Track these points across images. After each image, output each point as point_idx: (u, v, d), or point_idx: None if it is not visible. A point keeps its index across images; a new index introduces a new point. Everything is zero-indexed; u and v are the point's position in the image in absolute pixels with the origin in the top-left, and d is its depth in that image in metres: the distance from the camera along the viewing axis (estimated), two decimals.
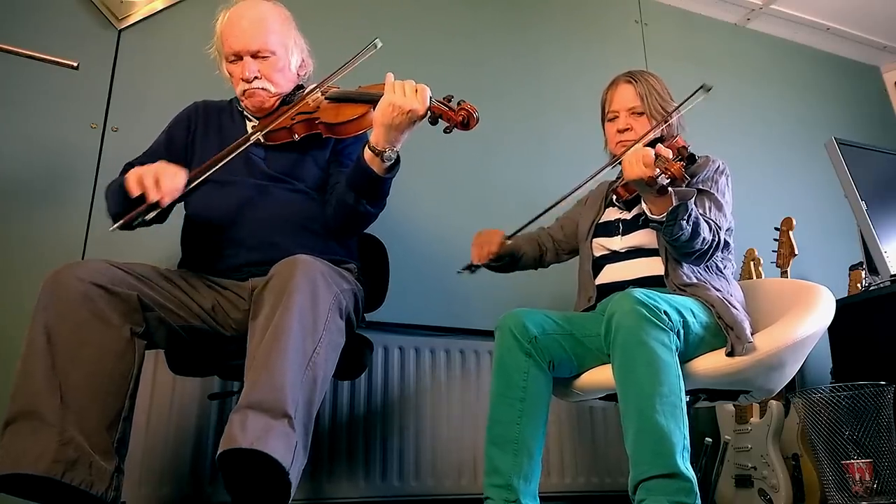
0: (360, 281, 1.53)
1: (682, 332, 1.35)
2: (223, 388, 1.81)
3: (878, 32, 3.37)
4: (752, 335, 1.42)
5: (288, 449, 1.08)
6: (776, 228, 2.34)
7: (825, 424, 1.87)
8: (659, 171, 1.34)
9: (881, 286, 2.13)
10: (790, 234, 2.29)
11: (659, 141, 1.60)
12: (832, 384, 2.00)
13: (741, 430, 2.11)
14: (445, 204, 2.32)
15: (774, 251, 2.31)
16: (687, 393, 1.50)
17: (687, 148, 1.46)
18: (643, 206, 1.48)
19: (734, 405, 2.15)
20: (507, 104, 2.54)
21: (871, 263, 2.20)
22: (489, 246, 1.73)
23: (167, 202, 1.29)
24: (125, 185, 1.30)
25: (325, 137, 1.54)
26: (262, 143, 1.55)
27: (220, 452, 1.06)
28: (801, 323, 1.47)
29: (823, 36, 3.36)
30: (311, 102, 1.50)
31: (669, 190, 1.40)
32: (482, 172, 2.42)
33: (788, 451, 2.04)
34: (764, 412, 2.06)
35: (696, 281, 1.53)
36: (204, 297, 1.41)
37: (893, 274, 2.09)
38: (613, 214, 1.75)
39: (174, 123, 1.64)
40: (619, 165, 1.65)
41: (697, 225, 1.44)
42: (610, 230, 1.72)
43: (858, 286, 2.38)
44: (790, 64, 3.30)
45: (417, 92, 1.35)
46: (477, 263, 1.73)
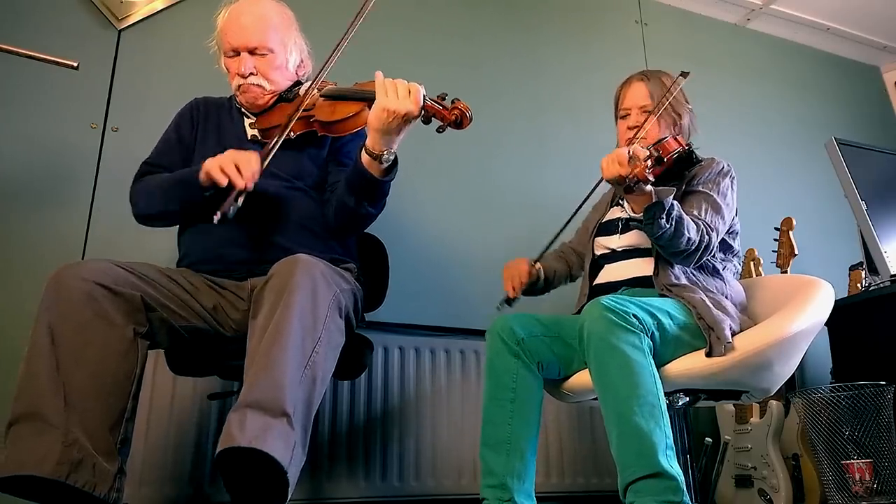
0: (359, 281, 1.53)
1: (656, 333, 1.36)
2: (223, 388, 1.81)
3: (878, 32, 3.37)
4: (732, 335, 1.41)
5: (286, 448, 1.08)
6: (776, 228, 2.34)
7: (825, 424, 1.87)
8: (630, 170, 1.34)
9: (881, 286, 2.13)
10: (790, 234, 2.30)
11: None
12: (832, 384, 2.00)
13: (741, 430, 2.11)
14: (445, 204, 2.32)
15: (774, 251, 2.32)
16: (686, 393, 1.50)
17: (670, 149, 1.43)
18: (624, 203, 1.49)
19: (734, 405, 2.15)
20: (506, 104, 2.54)
21: (871, 263, 2.21)
22: (519, 276, 1.74)
23: (251, 187, 1.32)
24: (209, 176, 1.33)
25: (320, 136, 1.54)
26: (259, 140, 1.56)
27: (218, 451, 1.06)
28: (785, 321, 1.45)
29: (823, 36, 3.36)
30: (308, 101, 1.50)
31: (649, 189, 1.40)
32: (482, 172, 2.42)
33: (788, 451, 2.05)
34: (764, 412, 2.06)
35: (684, 282, 1.53)
36: (205, 297, 1.41)
37: (893, 274, 2.09)
38: (616, 213, 1.75)
39: (180, 119, 1.65)
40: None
41: (681, 224, 1.44)
42: (610, 229, 1.73)
43: (858, 286, 2.38)
44: (790, 64, 3.31)
45: (410, 93, 1.33)
46: (512, 297, 1.75)
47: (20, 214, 1.85)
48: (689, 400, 1.51)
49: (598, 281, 1.69)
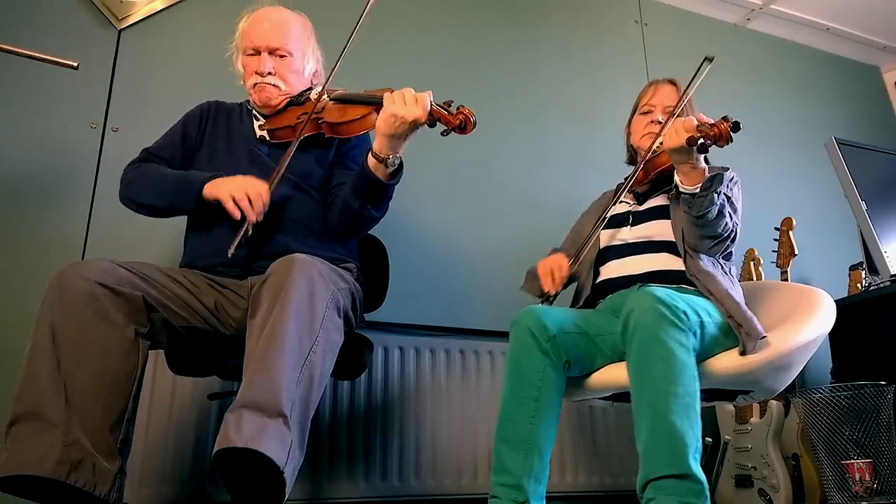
0: (359, 281, 1.53)
1: (698, 332, 1.34)
2: (223, 388, 1.81)
3: (878, 32, 3.37)
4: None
5: (283, 448, 1.08)
6: (776, 228, 2.34)
7: (825, 424, 1.87)
8: (701, 133, 1.38)
9: (881, 286, 2.13)
10: (790, 234, 2.30)
11: None
12: (832, 384, 2.00)
13: (741, 430, 2.11)
14: (446, 204, 2.32)
15: (774, 251, 2.32)
16: None
17: (731, 118, 1.48)
18: (676, 178, 1.50)
19: (734, 405, 2.15)
20: (507, 104, 2.54)
21: (871, 263, 2.21)
22: (560, 271, 1.68)
23: (261, 219, 1.40)
24: (218, 200, 1.40)
25: (328, 137, 1.56)
26: (267, 140, 1.60)
27: (215, 451, 1.06)
28: (810, 325, 1.48)
29: (823, 36, 3.36)
30: (318, 103, 1.54)
31: (704, 164, 1.43)
32: (483, 172, 2.42)
33: (788, 451, 2.04)
34: (764, 412, 2.06)
35: (711, 270, 1.55)
36: (206, 296, 1.41)
37: (893, 274, 2.09)
38: (623, 208, 1.76)
39: (188, 118, 1.68)
40: (646, 157, 1.68)
41: (723, 206, 1.47)
42: (619, 222, 1.74)
43: (858, 286, 2.38)
44: (790, 64, 3.30)
45: (418, 101, 1.37)
46: (554, 292, 1.68)
47: (20, 214, 1.85)
48: None
49: (606, 276, 1.69)
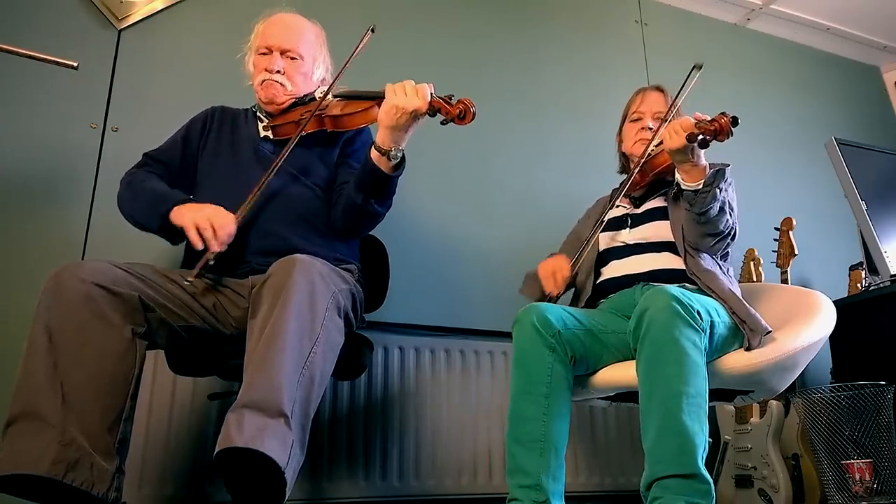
0: (360, 282, 1.53)
1: (708, 332, 1.34)
2: (223, 388, 1.81)
3: (878, 32, 3.37)
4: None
5: (284, 448, 1.08)
6: (776, 228, 2.34)
7: (825, 424, 1.87)
8: (700, 129, 1.39)
9: (881, 286, 2.13)
10: (790, 234, 2.30)
11: None
12: (832, 384, 2.00)
13: (741, 430, 2.11)
14: (446, 204, 2.32)
15: (774, 251, 2.32)
16: None
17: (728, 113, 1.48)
18: (677, 176, 1.50)
19: (733, 405, 2.15)
20: (507, 104, 2.54)
21: (871, 263, 2.21)
22: (562, 272, 1.66)
23: (224, 249, 1.39)
24: (182, 227, 1.39)
25: (332, 133, 1.59)
26: (271, 138, 1.62)
27: (216, 451, 1.06)
28: (813, 326, 1.49)
29: (823, 36, 3.35)
30: (322, 103, 1.58)
31: (705, 162, 1.44)
32: (482, 172, 2.42)
33: (788, 451, 2.04)
34: (764, 412, 2.06)
35: (712, 269, 1.55)
36: (205, 295, 1.41)
37: (893, 274, 2.09)
38: (620, 211, 1.78)
39: (191, 124, 1.70)
40: (630, 172, 1.70)
41: (725, 202, 1.48)
42: (618, 224, 1.75)
43: (858, 286, 2.38)
44: (790, 64, 3.30)
45: (418, 92, 1.40)
46: (555, 295, 1.66)
47: (20, 214, 1.85)
48: None
49: (608, 276, 1.69)
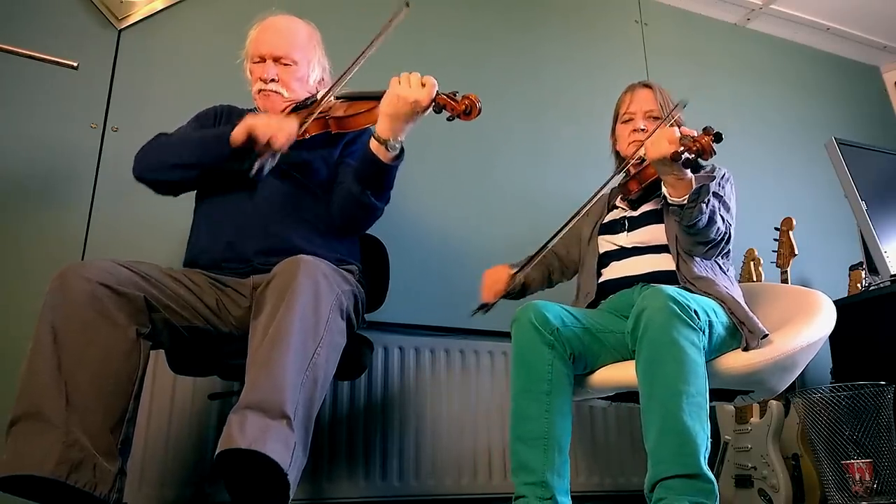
0: (361, 283, 1.53)
1: (707, 331, 1.34)
2: (223, 388, 1.81)
3: (878, 32, 3.37)
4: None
5: (286, 450, 1.08)
6: (776, 228, 2.34)
7: (825, 424, 1.87)
8: (684, 147, 1.37)
9: (881, 286, 2.13)
10: (790, 234, 2.30)
11: None
12: (832, 384, 2.00)
13: (741, 430, 2.11)
14: (446, 204, 2.32)
15: (774, 251, 2.32)
16: None
17: (713, 128, 1.47)
18: (663, 189, 1.49)
19: (733, 405, 2.15)
20: (507, 104, 2.54)
21: (871, 263, 2.21)
22: (497, 285, 1.73)
23: (286, 149, 1.40)
24: (250, 129, 1.39)
25: (336, 134, 1.58)
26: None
27: (218, 452, 1.06)
28: (813, 325, 1.49)
29: (823, 36, 3.36)
30: (325, 104, 1.56)
31: (690, 174, 1.43)
32: (482, 172, 2.42)
33: (788, 451, 2.05)
34: (764, 412, 2.06)
35: (706, 275, 1.55)
36: (208, 295, 1.42)
37: (893, 274, 2.09)
38: (618, 214, 1.77)
39: (202, 116, 1.69)
40: (620, 174, 1.70)
41: (713, 213, 1.47)
42: (615, 228, 1.74)
43: (858, 286, 2.38)
44: (790, 64, 3.30)
45: (424, 85, 1.39)
46: (489, 302, 1.73)
47: (20, 214, 1.85)
48: None
49: (607, 277, 1.69)
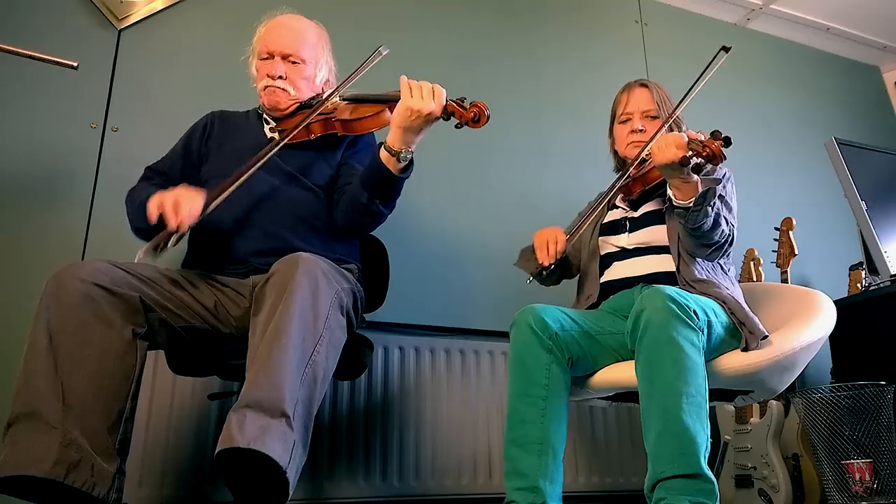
0: (360, 282, 1.53)
1: (706, 331, 1.34)
2: (223, 388, 1.81)
3: (878, 32, 3.37)
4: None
5: (285, 448, 1.08)
6: (776, 228, 2.34)
7: (825, 424, 1.87)
8: (692, 151, 1.36)
9: (881, 286, 2.13)
10: (790, 234, 2.30)
11: None
12: (832, 384, 2.00)
13: (741, 430, 2.11)
14: (446, 204, 2.32)
15: (774, 251, 2.32)
16: None
17: (721, 132, 1.46)
18: (669, 191, 1.49)
19: (733, 405, 2.15)
20: (507, 104, 2.54)
21: (871, 263, 2.21)
22: (556, 245, 1.60)
23: (185, 229, 1.29)
24: (147, 210, 1.31)
25: (340, 136, 1.58)
26: (278, 140, 1.59)
27: (217, 451, 1.06)
28: (813, 325, 1.49)
29: (823, 36, 3.36)
30: (328, 105, 1.56)
31: (696, 177, 1.42)
32: (482, 172, 2.42)
33: (788, 451, 2.04)
34: (764, 412, 2.06)
35: (707, 277, 1.54)
36: (206, 295, 1.42)
37: (893, 274, 2.09)
38: (619, 215, 1.76)
39: (191, 132, 1.69)
40: (629, 168, 1.68)
41: (718, 215, 1.46)
42: (616, 228, 1.73)
43: (858, 286, 2.38)
44: (790, 64, 3.30)
45: (434, 94, 1.38)
46: (548, 264, 1.59)
47: (20, 214, 1.85)
48: None
49: (608, 278, 1.69)
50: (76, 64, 1.66)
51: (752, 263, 2.36)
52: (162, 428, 1.77)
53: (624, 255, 1.69)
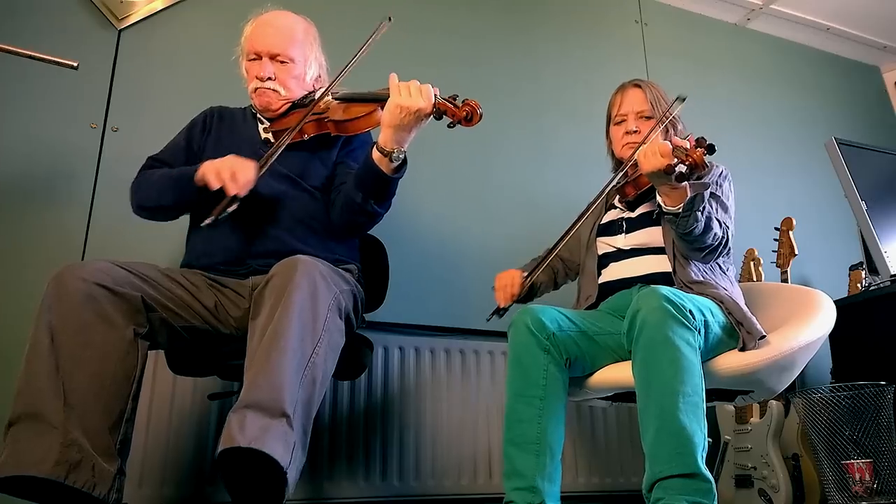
0: (360, 282, 1.53)
1: (703, 331, 1.34)
2: (223, 388, 1.81)
3: (878, 32, 3.37)
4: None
5: (286, 448, 1.08)
6: (776, 228, 2.34)
7: (825, 424, 1.87)
8: (677, 159, 1.36)
9: (881, 286, 2.13)
10: (790, 234, 2.30)
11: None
12: (832, 384, 2.00)
13: (741, 430, 2.11)
14: (446, 204, 2.32)
15: (774, 251, 2.32)
16: None
17: (706, 139, 1.47)
18: (658, 198, 1.49)
19: (734, 405, 2.15)
20: (507, 104, 2.54)
21: (871, 263, 2.21)
22: (511, 288, 1.72)
23: (244, 194, 1.35)
24: (204, 178, 1.36)
25: (333, 136, 1.57)
26: (272, 141, 1.60)
27: (218, 451, 1.06)
28: (812, 325, 1.49)
29: (823, 36, 3.36)
30: (321, 104, 1.55)
31: (685, 182, 1.42)
32: (482, 173, 2.42)
33: (788, 451, 2.05)
34: (764, 412, 2.06)
35: (703, 279, 1.54)
36: (206, 296, 1.42)
37: (893, 274, 2.09)
38: (616, 215, 1.76)
39: (192, 125, 1.69)
40: (618, 174, 1.68)
41: (710, 219, 1.46)
42: (613, 229, 1.73)
43: (858, 286, 2.38)
44: (790, 64, 3.30)
45: (422, 92, 1.37)
46: (504, 306, 1.72)
47: (20, 214, 1.85)
48: None
49: (606, 278, 1.69)
50: (76, 64, 1.66)
51: (752, 263, 2.36)
52: (162, 428, 1.77)
53: (621, 255, 1.69)
